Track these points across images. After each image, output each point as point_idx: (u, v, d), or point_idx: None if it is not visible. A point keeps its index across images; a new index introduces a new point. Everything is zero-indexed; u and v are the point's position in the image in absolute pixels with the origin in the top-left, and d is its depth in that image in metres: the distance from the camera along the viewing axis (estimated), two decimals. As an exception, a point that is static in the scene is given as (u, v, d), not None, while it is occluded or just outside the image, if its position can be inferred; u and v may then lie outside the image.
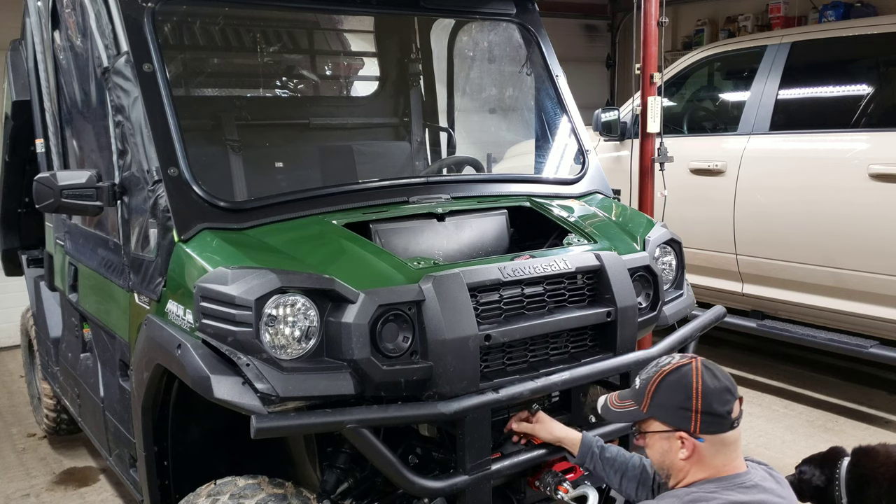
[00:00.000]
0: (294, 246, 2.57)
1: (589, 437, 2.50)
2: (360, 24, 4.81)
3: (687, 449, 1.97)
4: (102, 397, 3.40)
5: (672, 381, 2.01)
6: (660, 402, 2.01)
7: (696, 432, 1.96)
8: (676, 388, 1.99)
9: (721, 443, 1.97)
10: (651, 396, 2.03)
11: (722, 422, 1.96)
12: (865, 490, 2.76)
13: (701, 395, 1.95)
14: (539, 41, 3.77)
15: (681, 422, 1.97)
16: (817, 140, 4.97)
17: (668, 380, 2.01)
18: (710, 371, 2.00)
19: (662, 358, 2.12)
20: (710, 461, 1.97)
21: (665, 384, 2.01)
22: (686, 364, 2.02)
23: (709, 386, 1.96)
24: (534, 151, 3.92)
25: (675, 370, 2.02)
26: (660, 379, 2.03)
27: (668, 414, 2.00)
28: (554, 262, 2.63)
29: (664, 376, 2.02)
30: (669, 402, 1.99)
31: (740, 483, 1.95)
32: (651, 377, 2.06)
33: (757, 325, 5.30)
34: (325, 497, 2.49)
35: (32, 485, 4.39)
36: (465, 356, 2.34)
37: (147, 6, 2.78)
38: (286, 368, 2.19)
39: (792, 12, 8.53)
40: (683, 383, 1.98)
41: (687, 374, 1.99)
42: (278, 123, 4.28)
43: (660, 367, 2.06)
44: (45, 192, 2.73)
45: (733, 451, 2.00)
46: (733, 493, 1.91)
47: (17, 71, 4.50)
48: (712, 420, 1.95)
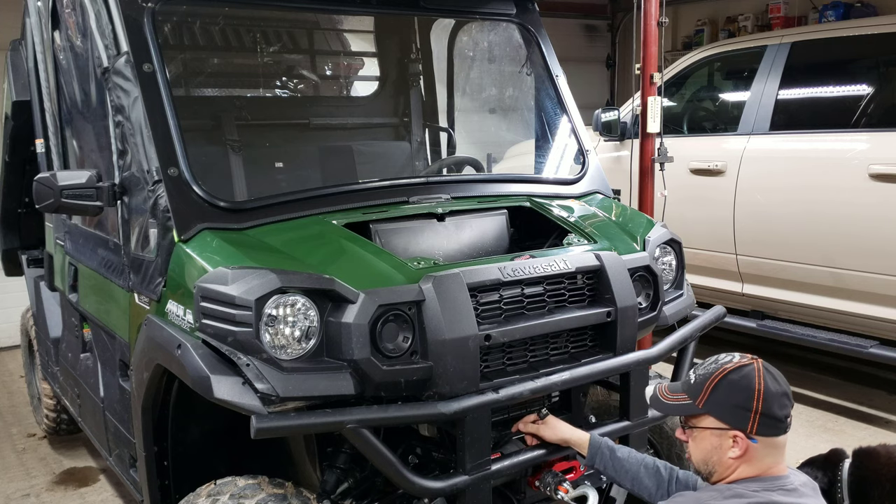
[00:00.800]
0: (294, 246, 2.57)
1: (597, 437, 2.50)
2: (360, 24, 4.81)
3: (739, 448, 1.98)
4: (102, 397, 3.40)
5: (734, 379, 2.00)
6: (718, 400, 2.01)
7: (751, 433, 1.96)
8: (738, 388, 1.98)
9: (772, 445, 1.98)
10: (710, 393, 2.02)
11: (778, 425, 1.97)
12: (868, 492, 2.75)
13: (762, 398, 1.95)
14: (539, 41, 3.77)
15: (738, 421, 1.97)
16: (817, 140, 4.97)
17: (729, 378, 2.01)
18: (771, 374, 2.01)
19: (722, 355, 2.12)
20: (759, 462, 1.99)
21: (726, 382, 2.01)
22: (748, 364, 2.02)
23: (770, 389, 1.97)
24: (534, 151, 3.92)
25: (737, 369, 2.01)
26: (721, 376, 2.02)
27: (726, 412, 1.99)
28: (554, 262, 2.63)
29: (726, 374, 2.02)
30: (729, 400, 1.99)
31: (782, 485, 1.96)
32: (711, 373, 2.05)
33: (757, 325, 5.30)
34: (325, 497, 2.49)
35: (32, 485, 4.39)
36: (465, 356, 2.34)
37: (147, 6, 2.78)
38: (286, 368, 2.19)
39: (792, 12, 8.54)
40: (745, 384, 1.98)
41: (749, 375, 1.99)
42: (278, 123, 4.28)
43: (721, 365, 2.05)
44: (45, 192, 2.73)
45: (781, 454, 2.01)
46: (775, 495, 1.93)
47: (17, 71, 4.50)
48: (769, 423, 1.96)
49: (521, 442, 2.64)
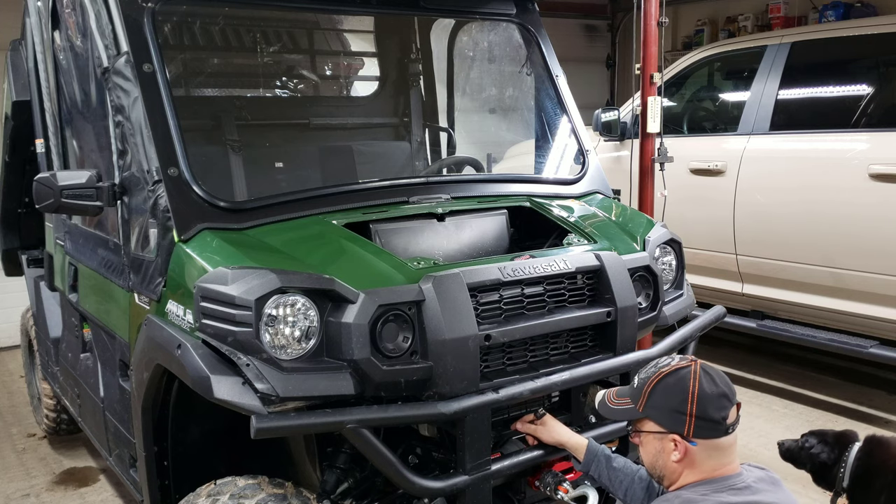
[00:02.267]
0: (294, 246, 2.57)
1: (595, 444, 2.49)
2: (360, 24, 4.81)
3: (679, 451, 1.97)
4: (102, 397, 3.40)
5: (670, 383, 2.00)
6: (655, 404, 2.01)
7: (689, 436, 1.95)
8: (673, 391, 1.98)
9: (714, 447, 1.97)
10: (647, 397, 2.03)
11: (716, 427, 1.95)
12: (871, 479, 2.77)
13: (697, 400, 1.94)
14: (539, 41, 3.77)
15: (675, 425, 1.97)
16: (817, 140, 4.97)
17: (665, 382, 2.01)
18: (708, 376, 1.99)
19: (662, 359, 2.12)
20: (702, 464, 1.97)
21: (662, 386, 2.01)
22: (685, 367, 2.01)
23: (705, 391, 1.95)
24: (534, 151, 3.92)
25: (673, 372, 2.01)
26: (657, 380, 2.02)
27: (663, 416, 1.99)
28: (554, 262, 2.63)
29: (662, 378, 2.02)
30: (665, 404, 1.99)
31: (731, 485, 1.95)
32: (649, 377, 2.05)
33: (757, 325, 5.30)
34: (325, 497, 2.49)
35: (32, 485, 4.39)
36: (465, 356, 2.34)
37: (147, 6, 2.78)
38: (286, 368, 2.19)
39: (792, 12, 8.53)
40: (681, 387, 1.97)
41: (685, 378, 1.98)
42: (278, 123, 4.28)
43: (658, 369, 2.05)
44: (45, 192, 2.73)
45: (727, 455, 1.99)
46: (724, 495, 1.91)
47: (17, 71, 4.50)
48: (706, 425, 1.94)
49: (521, 442, 2.64)
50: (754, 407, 5.25)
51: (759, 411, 5.18)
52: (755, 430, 4.85)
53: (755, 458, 4.35)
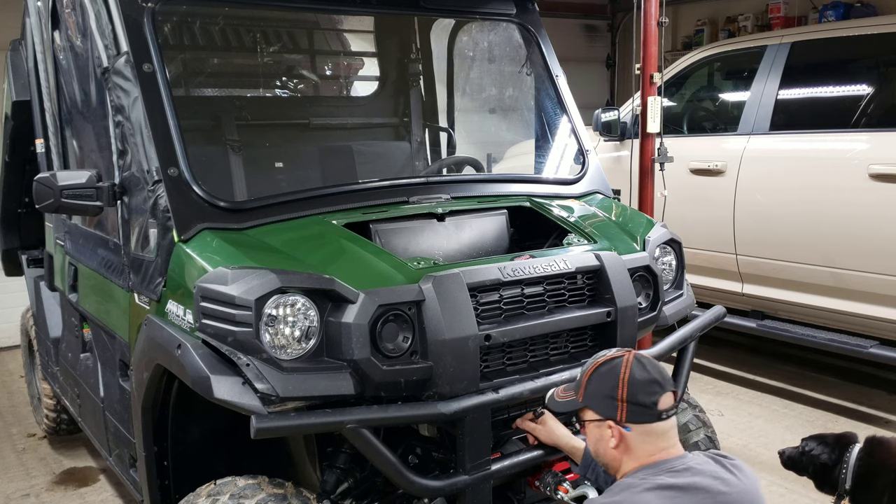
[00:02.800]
0: (294, 246, 2.57)
1: None
2: (360, 24, 4.81)
3: (615, 438, 2.04)
4: (102, 397, 3.40)
5: (603, 371, 2.09)
6: (592, 392, 2.10)
7: (622, 421, 2.03)
8: (606, 379, 2.07)
9: (648, 433, 2.02)
10: (585, 387, 2.12)
11: (647, 412, 2.01)
12: (872, 479, 2.78)
13: (627, 385, 2.02)
14: (539, 41, 3.77)
15: (608, 411, 2.05)
16: (817, 140, 4.97)
17: (599, 371, 2.10)
18: (640, 363, 2.06)
19: (601, 352, 2.19)
20: (638, 449, 2.03)
21: (597, 374, 2.10)
22: (618, 357, 2.10)
23: (636, 377, 2.03)
24: (534, 151, 3.93)
25: (606, 362, 2.10)
26: (593, 370, 2.11)
27: (598, 403, 2.08)
28: (554, 262, 2.63)
29: (597, 367, 2.11)
30: (599, 391, 2.08)
31: (670, 467, 1.99)
32: (586, 369, 2.15)
33: (757, 325, 5.30)
34: (325, 497, 2.49)
35: (32, 485, 4.39)
36: (465, 356, 2.34)
37: (147, 6, 2.78)
38: (286, 368, 2.19)
39: (792, 12, 8.53)
40: (613, 374, 2.06)
41: (616, 366, 2.07)
42: (278, 123, 4.28)
43: (595, 359, 2.14)
44: (45, 192, 2.73)
45: (664, 440, 2.04)
46: (662, 477, 1.95)
47: (17, 71, 4.50)
48: (638, 410, 2.01)
49: (521, 442, 2.64)
50: (754, 407, 5.25)
51: (759, 411, 5.18)
52: (755, 430, 4.85)
53: (755, 459, 4.36)
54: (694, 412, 3.31)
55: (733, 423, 4.96)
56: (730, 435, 4.73)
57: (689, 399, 3.35)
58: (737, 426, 4.91)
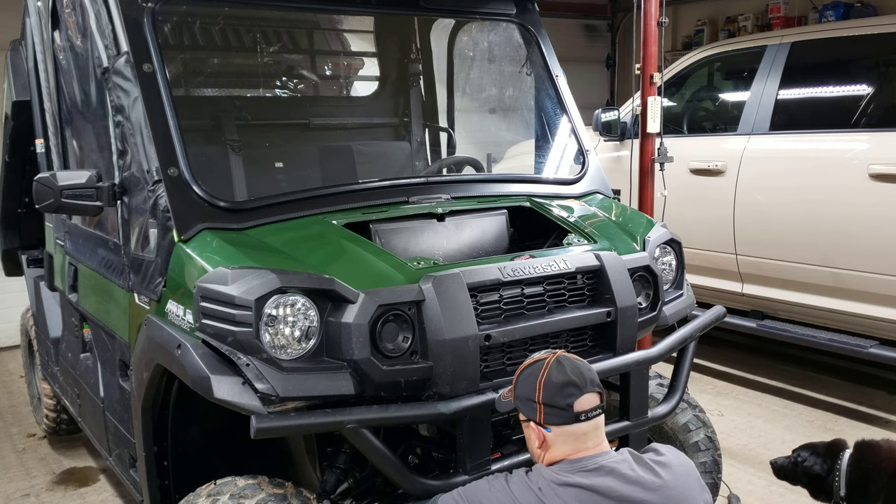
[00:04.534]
0: (294, 246, 2.57)
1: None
2: (360, 24, 4.82)
3: (538, 438, 2.07)
4: (102, 397, 3.40)
5: (526, 374, 2.12)
6: (518, 394, 2.13)
7: (541, 422, 2.05)
8: (527, 381, 2.10)
9: (568, 434, 2.04)
10: (514, 388, 2.15)
11: (563, 414, 2.03)
12: (867, 483, 2.78)
13: (543, 388, 2.04)
14: (539, 41, 3.77)
15: (530, 412, 2.08)
16: (817, 140, 4.97)
17: (524, 373, 2.13)
18: (560, 366, 2.07)
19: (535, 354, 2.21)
20: (557, 450, 2.05)
21: (522, 376, 2.13)
22: (542, 359, 2.12)
23: (552, 380, 2.04)
24: (534, 151, 3.93)
25: (531, 364, 2.13)
26: (520, 372, 2.14)
27: (523, 405, 2.11)
28: (554, 262, 2.63)
29: (523, 369, 2.14)
30: (522, 393, 2.11)
31: (582, 466, 2.01)
32: (518, 371, 2.17)
33: (757, 325, 5.30)
34: (325, 497, 2.49)
35: (32, 485, 4.39)
36: (465, 356, 2.34)
37: (147, 6, 2.78)
38: (286, 368, 2.19)
39: (792, 12, 8.53)
40: (533, 376, 2.08)
41: (537, 369, 2.09)
42: (278, 123, 4.28)
43: (525, 361, 2.17)
44: (45, 192, 2.73)
45: (584, 441, 2.05)
46: (570, 475, 1.98)
47: (17, 71, 4.50)
48: (554, 412, 2.03)
49: (522, 442, 2.64)
50: (754, 407, 5.25)
51: (759, 411, 5.18)
52: (755, 430, 4.85)
53: (755, 459, 4.36)
54: (694, 412, 3.32)
55: (733, 423, 4.96)
56: (730, 435, 4.73)
57: (689, 399, 3.35)
58: (737, 426, 4.91)
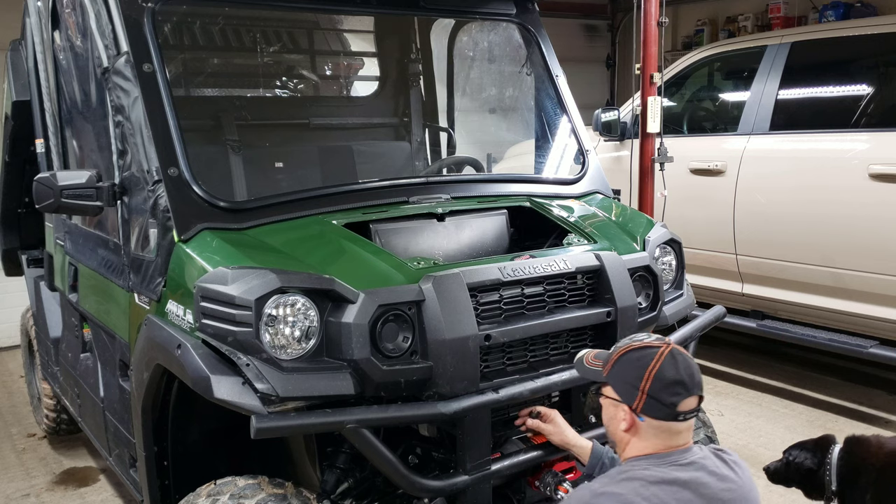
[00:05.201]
0: (294, 246, 2.57)
1: (599, 447, 2.50)
2: (360, 24, 4.81)
3: (627, 422, 2.04)
4: (102, 397, 3.40)
5: (633, 357, 2.06)
6: (617, 372, 2.08)
7: (637, 411, 2.02)
8: (634, 365, 2.04)
9: (662, 429, 2.01)
10: (613, 364, 2.10)
11: (665, 410, 2.00)
12: (856, 477, 2.82)
13: (652, 379, 2.00)
14: (539, 41, 3.77)
15: (627, 397, 2.04)
16: (817, 140, 4.97)
17: (630, 355, 2.08)
18: (674, 361, 2.02)
19: (641, 334, 2.18)
20: (648, 441, 2.03)
21: (627, 358, 2.08)
22: (654, 347, 2.06)
23: (664, 374, 2.00)
24: (534, 151, 3.93)
25: (642, 348, 2.07)
26: (625, 351, 2.09)
27: (620, 385, 2.07)
28: (554, 262, 2.63)
29: (630, 350, 2.09)
30: (624, 375, 2.06)
31: (674, 460, 1.99)
32: (620, 346, 2.13)
33: (757, 325, 5.30)
34: (325, 497, 2.49)
35: (32, 485, 4.39)
36: (465, 356, 2.34)
37: (147, 6, 2.78)
38: (286, 368, 2.19)
39: (792, 12, 8.54)
40: (642, 363, 2.03)
41: (649, 356, 2.04)
42: (278, 123, 4.28)
43: (631, 341, 2.12)
44: (45, 192, 2.73)
45: (673, 439, 2.03)
46: (665, 470, 1.96)
47: (17, 71, 4.50)
48: (655, 405, 1.99)
49: (522, 442, 2.64)
50: (754, 407, 5.25)
51: (760, 411, 5.18)
52: (755, 430, 4.85)
53: (755, 459, 4.36)
54: (694, 412, 3.31)
55: (733, 423, 4.96)
56: (730, 435, 4.73)
57: (689, 399, 3.35)
58: (737, 426, 4.91)
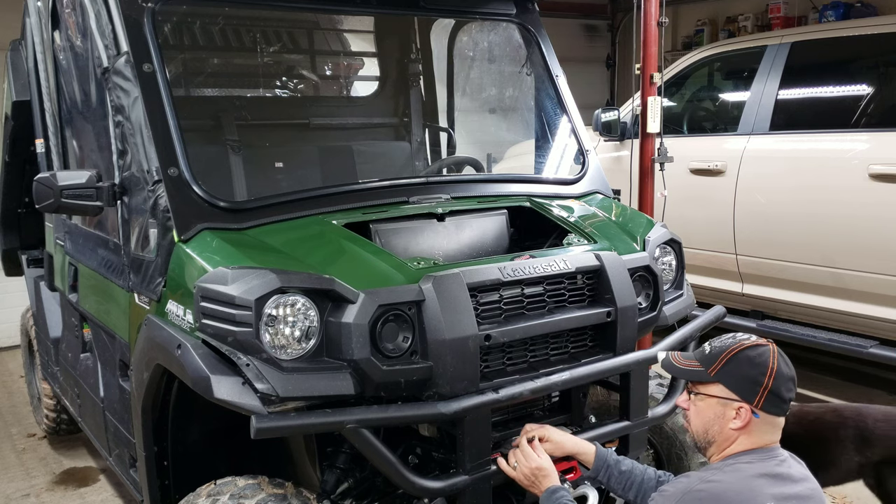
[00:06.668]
0: (294, 246, 2.57)
1: (602, 450, 2.51)
2: (360, 24, 4.81)
3: (741, 420, 2.07)
4: (102, 397, 3.40)
5: (751, 355, 2.11)
6: (731, 371, 2.10)
7: (757, 406, 2.07)
8: (753, 363, 2.09)
9: (771, 423, 2.09)
10: (724, 363, 2.12)
11: (781, 405, 2.08)
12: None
13: (774, 376, 2.06)
14: (539, 41, 3.77)
15: (747, 394, 2.07)
16: (817, 140, 4.97)
17: (747, 353, 2.12)
18: (784, 359, 2.12)
19: (740, 334, 2.22)
20: (757, 437, 2.08)
21: (743, 356, 2.11)
22: (765, 345, 2.14)
23: (782, 370, 2.08)
24: (534, 151, 3.92)
25: (755, 346, 2.13)
26: (739, 350, 2.13)
27: (737, 383, 2.09)
28: (554, 262, 2.63)
29: (744, 349, 2.13)
30: (742, 372, 2.09)
31: (775, 455, 2.07)
32: (728, 346, 2.15)
33: (757, 325, 5.30)
34: (325, 497, 2.49)
35: (32, 485, 4.39)
36: (465, 356, 2.33)
37: (147, 6, 2.78)
38: (286, 368, 2.19)
39: (792, 12, 8.54)
40: (761, 360, 2.09)
41: (766, 354, 2.10)
42: (278, 123, 4.28)
43: (739, 340, 2.16)
44: (45, 192, 2.73)
45: (777, 434, 2.12)
46: (770, 464, 2.03)
47: (17, 71, 4.50)
48: (775, 401, 2.06)
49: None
50: (754, 407, 5.25)
51: (759, 411, 5.17)
52: (755, 430, 4.84)
53: (755, 458, 4.35)
54: (694, 412, 3.31)
55: (733, 423, 4.96)
56: (730, 435, 4.72)
57: (689, 399, 3.35)
58: (737, 426, 4.91)
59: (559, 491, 2.32)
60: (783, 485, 1.98)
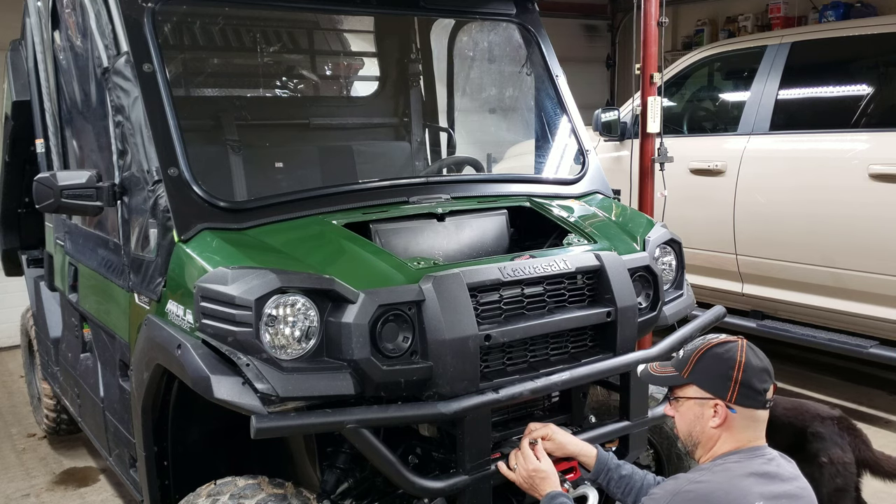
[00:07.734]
0: (294, 246, 2.57)
1: (604, 453, 2.52)
2: (360, 24, 4.81)
3: (719, 417, 2.08)
4: (102, 397, 3.40)
5: (718, 352, 2.12)
6: (702, 370, 2.12)
7: (731, 402, 2.07)
8: (721, 359, 2.10)
9: (751, 418, 2.08)
10: (694, 363, 2.14)
11: (757, 397, 2.07)
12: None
13: (743, 368, 2.06)
14: (539, 41, 3.77)
15: (719, 390, 2.08)
16: (817, 140, 4.98)
17: (714, 351, 2.13)
18: (753, 351, 2.12)
19: (710, 335, 2.24)
20: (739, 433, 2.08)
21: (710, 354, 2.13)
22: (733, 341, 2.15)
23: (751, 362, 2.08)
24: (534, 151, 3.92)
25: (722, 344, 2.14)
26: (706, 349, 2.14)
27: (708, 381, 2.11)
28: (554, 262, 2.63)
29: (711, 347, 2.14)
30: (712, 370, 2.11)
31: (762, 454, 2.07)
32: (697, 347, 2.17)
33: (757, 325, 5.30)
34: (325, 497, 2.49)
35: (32, 485, 4.39)
36: (465, 356, 2.33)
37: (147, 6, 2.78)
38: (286, 368, 2.19)
39: (792, 12, 8.54)
40: (728, 355, 2.10)
41: (733, 349, 2.11)
42: (278, 123, 4.28)
43: (707, 340, 2.18)
44: (45, 192, 2.73)
45: (760, 429, 2.11)
46: (757, 462, 2.03)
47: (17, 71, 4.50)
48: (748, 393, 2.06)
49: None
50: (754, 407, 5.25)
51: (759, 411, 5.17)
52: (755, 430, 4.84)
53: (755, 458, 4.35)
54: (694, 412, 3.31)
55: (733, 423, 4.96)
56: (730, 435, 4.72)
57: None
58: (737, 426, 4.91)
59: (559, 497, 2.32)
60: (772, 483, 1.98)
